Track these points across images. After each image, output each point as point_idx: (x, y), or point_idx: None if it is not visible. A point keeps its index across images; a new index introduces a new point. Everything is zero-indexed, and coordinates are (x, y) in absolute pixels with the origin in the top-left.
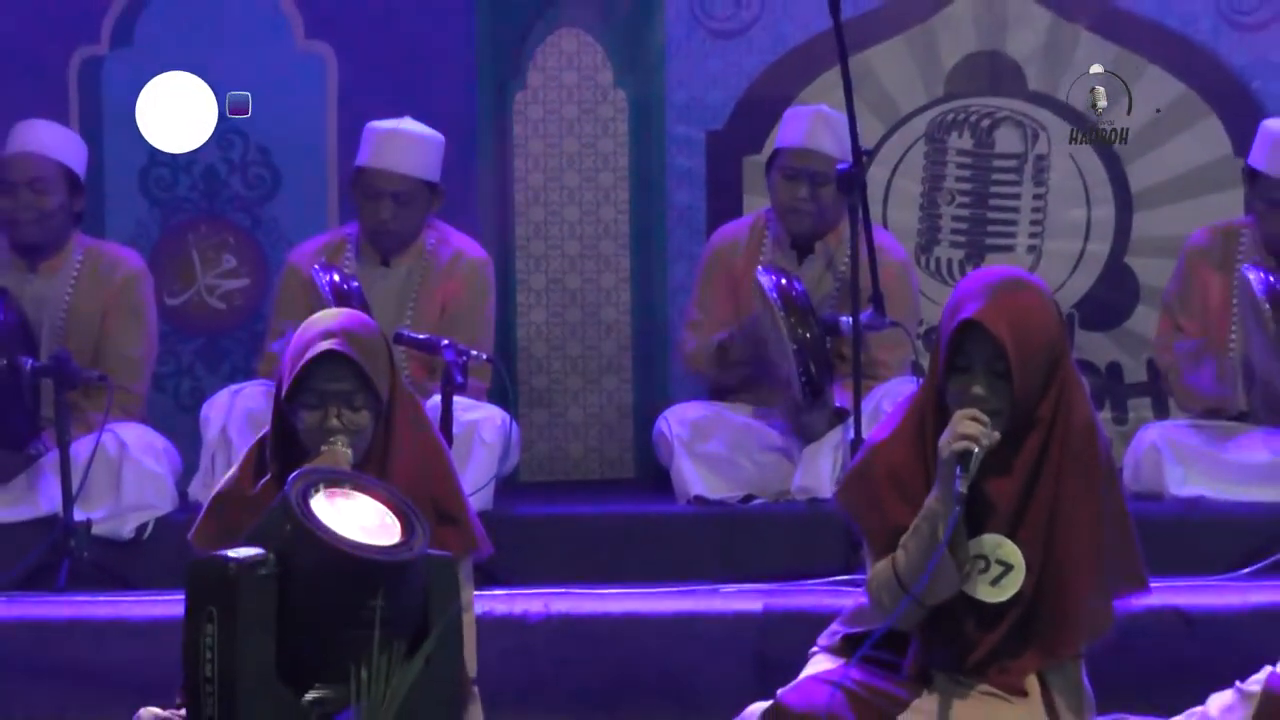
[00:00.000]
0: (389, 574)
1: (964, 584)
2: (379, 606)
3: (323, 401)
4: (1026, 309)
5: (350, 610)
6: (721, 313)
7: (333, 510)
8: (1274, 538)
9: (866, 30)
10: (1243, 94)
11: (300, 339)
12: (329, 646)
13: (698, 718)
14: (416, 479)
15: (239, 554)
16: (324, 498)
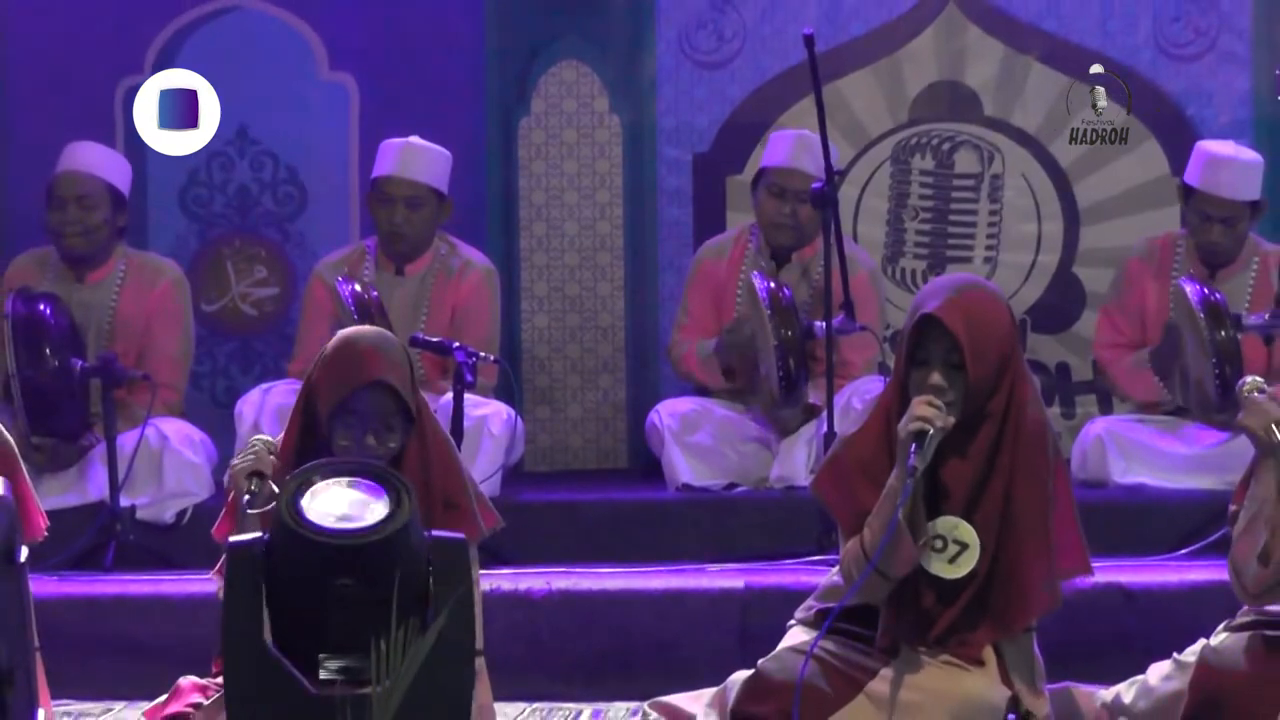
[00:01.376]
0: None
1: (924, 562)
2: (347, 586)
3: (362, 425)
4: (980, 308)
5: (322, 588)
6: (705, 317)
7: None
8: (1208, 521)
9: (838, 62)
10: (1178, 119)
11: (340, 358)
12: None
13: (685, 685)
14: (423, 471)
15: (241, 539)
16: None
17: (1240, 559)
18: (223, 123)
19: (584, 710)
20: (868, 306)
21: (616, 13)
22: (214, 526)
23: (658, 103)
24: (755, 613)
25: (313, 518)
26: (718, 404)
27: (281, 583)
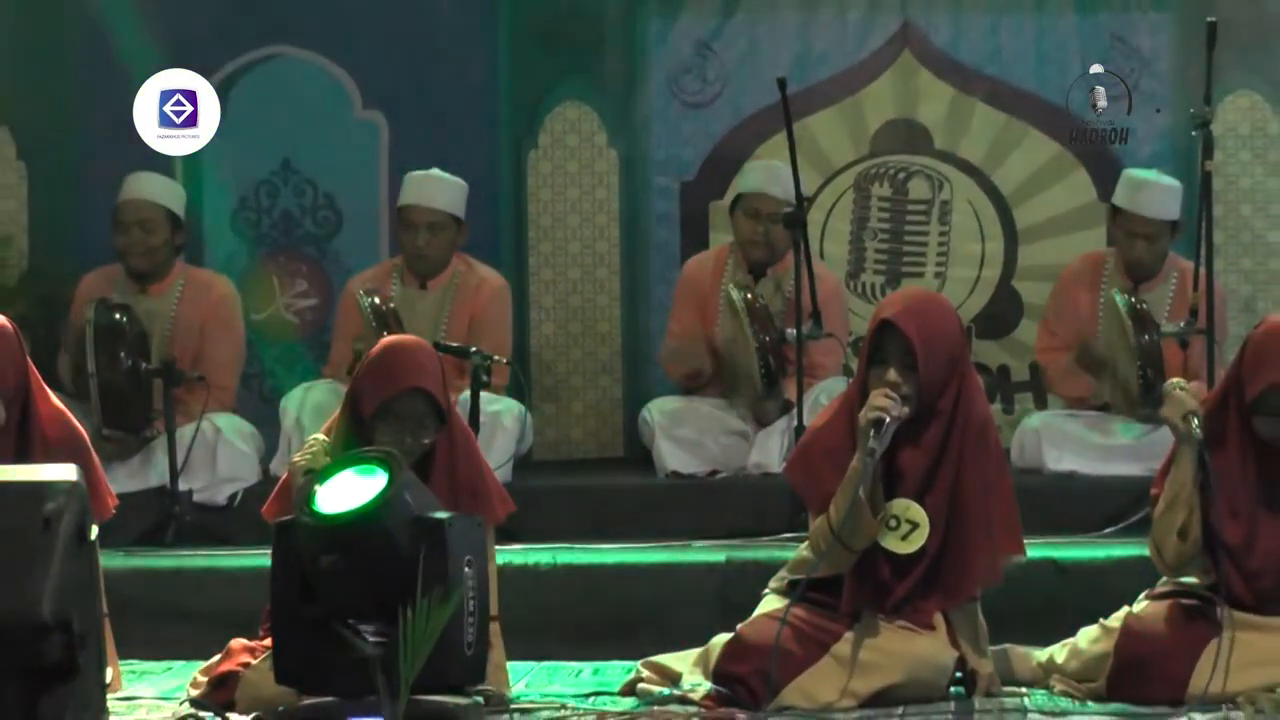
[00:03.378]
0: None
1: (880, 539)
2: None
3: (402, 425)
4: (933, 316)
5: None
6: (692, 326)
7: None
8: (1131, 504)
9: (807, 102)
10: (1105, 152)
11: (383, 364)
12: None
13: (673, 647)
14: (449, 462)
15: (286, 519)
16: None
17: (1160, 536)
18: (268, 155)
19: (584, 669)
20: (833, 316)
21: (613, 59)
22: (264, 506)
23: (649, 137)
24: (734, 584)
25: (318, 505)
26: (701, 402)
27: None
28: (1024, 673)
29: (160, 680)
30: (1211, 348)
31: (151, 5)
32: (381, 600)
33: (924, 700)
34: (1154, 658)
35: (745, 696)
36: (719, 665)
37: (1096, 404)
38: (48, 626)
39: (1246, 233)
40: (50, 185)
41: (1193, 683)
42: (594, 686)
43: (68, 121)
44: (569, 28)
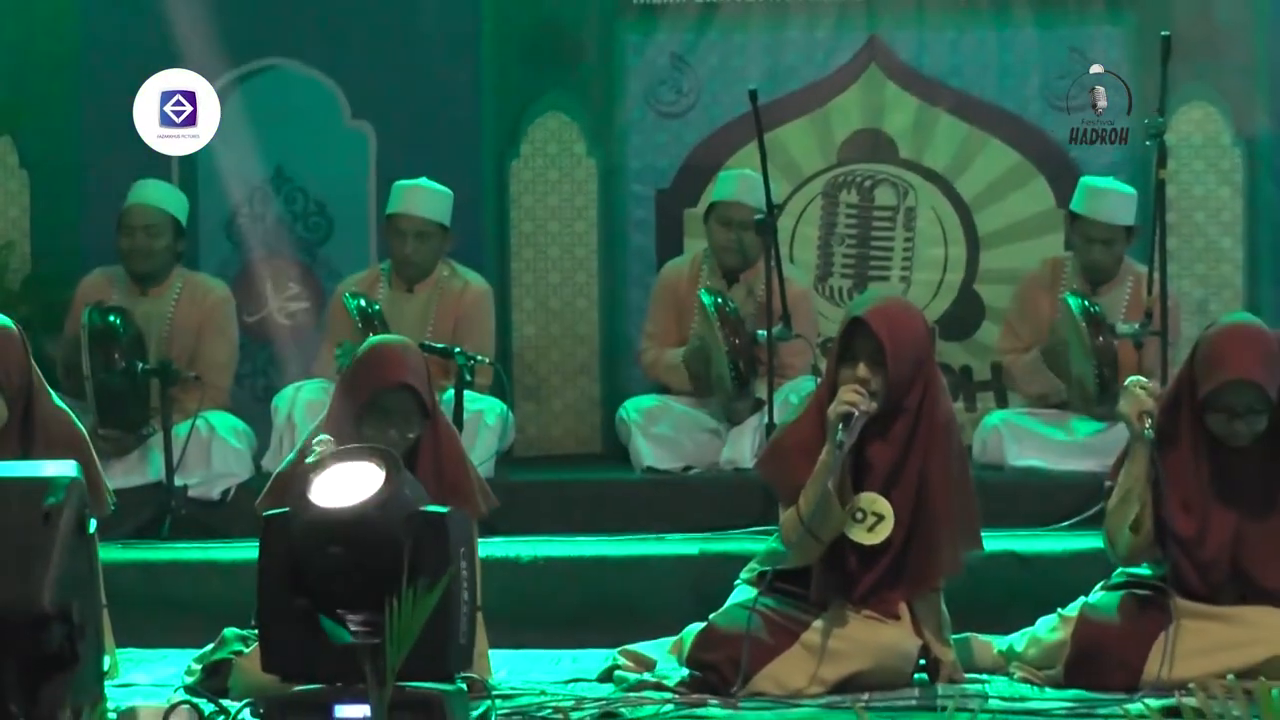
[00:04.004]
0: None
1: (847, 530)
2: (338, 552)
3: (388, 420)
4: (901, 318)
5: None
6: (668, 328)
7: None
8: (1088, 498)
9: (777, 113)
10: (1063, 161)
11: (370, 362)
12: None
13: (649, 635)
14: (435, 457)
15: (274, 512)
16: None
17: (1113, 529)
18: (261, 164)
19: (563, 657)
20: (802, 318)
21: (592, 72)
22: (258, 500)
23: (627, 147)
24: (707, 575)
25: (316, 497)
26: (675, 401)
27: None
28: (985, 661)
29: (156, 668)
30: (1165, 349)
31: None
32: (380, 591)
33: (889, 687)
34: (1109, 646)
35: (718, 683)
36: (693, 653)
37: (1056, 402)
38: (48, 616)
39: (1200, 239)
40: (51, 193)
41: (1146, 670)
42: (572, 674)
43: (68, 132)
44: (550, 42)
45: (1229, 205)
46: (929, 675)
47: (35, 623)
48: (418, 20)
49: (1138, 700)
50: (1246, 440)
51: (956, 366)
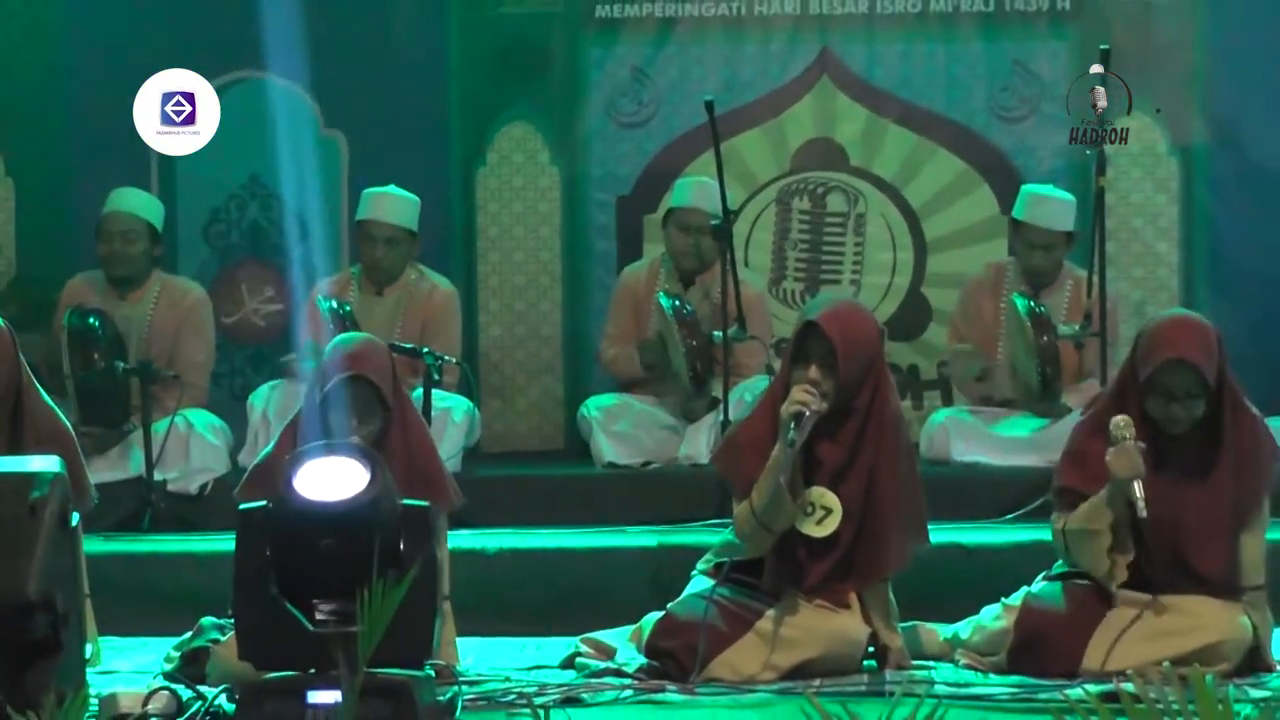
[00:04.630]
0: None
1: (797, 523)
2: (331, 544)
3: (348, 410)
4: (853, 320)
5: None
6: (628, 329)
7: (312, 472)
8: (1029, 492)
9: (733, 123)
10: (1007, 169)
11: (332, 359)
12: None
13: (610, 624)
14: (405, 453)
15: (248, 505)
16: (313, 465)
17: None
18: (238, 172)
19: (528, 644)
20: (757, 320)
21: (556, 84)
22: (236, 490)
23: (589, 156)
24: (666, 566)
25: (303, 489)
26: (635, 399)
27: (282, 541)
28: (931, 648)
29: (137, 655)
30: (1104, 349)
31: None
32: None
33: (839, 673)
34: (1051, 634)
35: (675, 669)
36: (651, 641)
37: (1000, 401)
38: (33, 605)
39: (1137, 243)
40: (36, 200)
41: (1086, 657)
42: (536, 661)
43: (51, 142)
44: (515, 55)
45: (1165, 211)
46: (878, 662)
47: (20, 611)
48: (389, 35)
49: (1077, 686)
50: (1185, 426)
51: (904, 366)
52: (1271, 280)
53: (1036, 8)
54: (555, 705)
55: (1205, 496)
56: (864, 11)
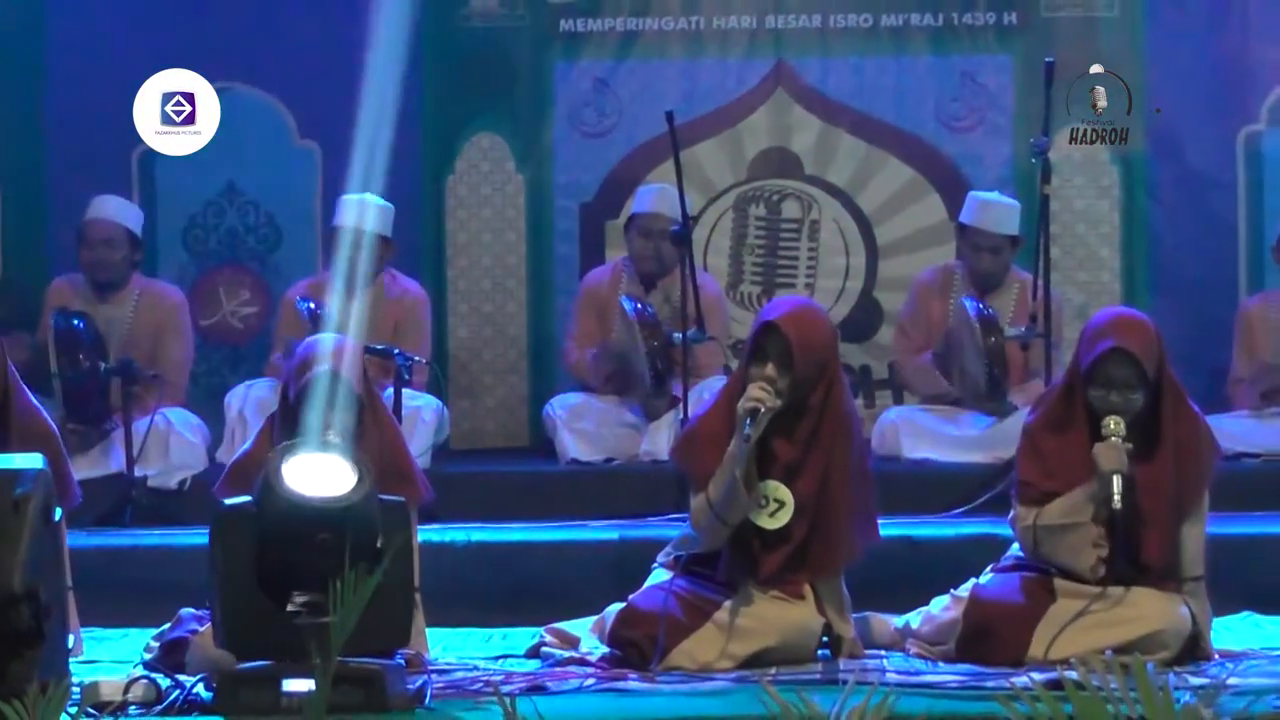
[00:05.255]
0: (331, 515)
1: (751, 516)
2: (325, 539)
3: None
4: (809, 320)
5: (305, 540)
6: (591, 331)
7: (297, 470)
8: (978, 488)
9: (692, 133)
10: (955, 176)
11: (304, 355)
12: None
13: (573, 614)
14: (378, 449)
15: (231, 502)
16: (296, 462)
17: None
18: (216, 179)
19: (494, 634)
20: (715, 322)
21: (522, 95)
22: (215, 486)
23: (553, 164)
24: (627, 558)
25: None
26: (598, 398)
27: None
28: (883, 637)
29: (118, 646)
30: (1049, 350)
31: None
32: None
33: (795, 662)
34: (998, 624)
35: (637, 658)
36: (613, 630)
37: (949, 399)
38: (17, 597)
39: (1081, 248)
40: (19, 206)
41: (1032, 646)
42: (503, 650)
43: (34, 150)
44: (482, 68)
45: (1107, 218)
46: (831, 651)
47: (5, 603)
48: (362, 48)
49: (1024, 674)
50: (1125, 417)
51: (857, 366)
52: (1208, 284)
53: (984, 22)
54: (521, 693)
55: (1147, 489)
56: (817, 26)
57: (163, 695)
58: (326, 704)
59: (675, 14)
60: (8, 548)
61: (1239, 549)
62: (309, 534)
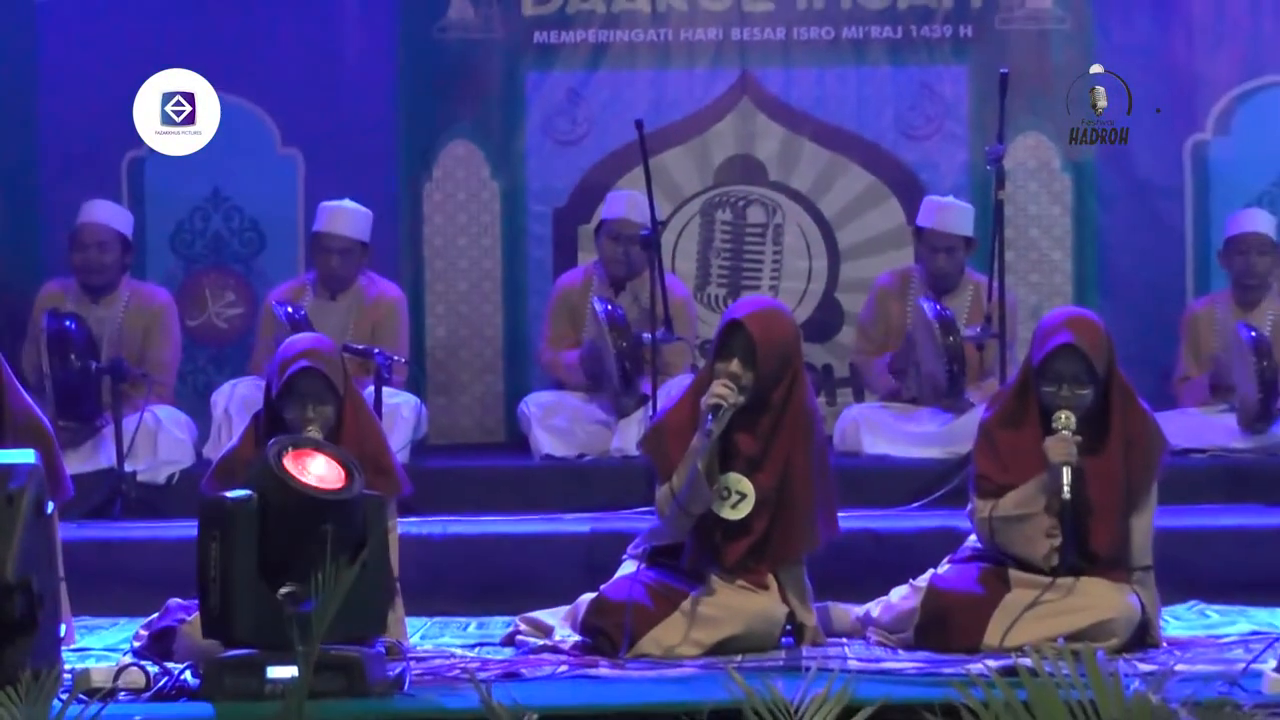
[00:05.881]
0: (334, 508)
1: (714, 507)
2: (329, 530)
3: (302, 400)
4: (774, 320)
5: (308, 532)
6: (564, 331)
7: (297, 465)
8: (936, 481)
9: (661, 141)
10: (913, 182)
11: (285, 353)
12: (296, 556)
13: (546, 604)
14: (359, 444)
15: (234, 495)
16: (292, 457)
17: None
18: (202, 185)
19: (470, 622)
20: (682, 323)
21: (496, 105)
22: (204, 480)
23: (527, 171)
24: (598, 550)
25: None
26: (570, 396)
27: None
28: (844, 626)
29: (108, 634)
30: (1003, 349)
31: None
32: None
33: (759, 649)
34: (955, 612)
35: (607, 646)
36: (585, 619)
37: (908, 397)
38: (11, 587)
39: (1034, 251)
40: (12, 211)
41: (988, 634)
42: (479, 638)
43: (27, 157)
44: (458, 78)
45: (1059, 222)
46: (794, 639)
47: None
48: (342, 60)
49: (979, 661)
50: (1075, 412)
51: (819, 365)
52: (1156, 286)
53: (941, 35)
54: (496, 680)
55: (1097, 481)
56: (781, 38)
57: (151, 682)
58: (309, 690)
59: (644, 26)
60: (2, 540)
61: (1186, 541)
62: (312, 525)
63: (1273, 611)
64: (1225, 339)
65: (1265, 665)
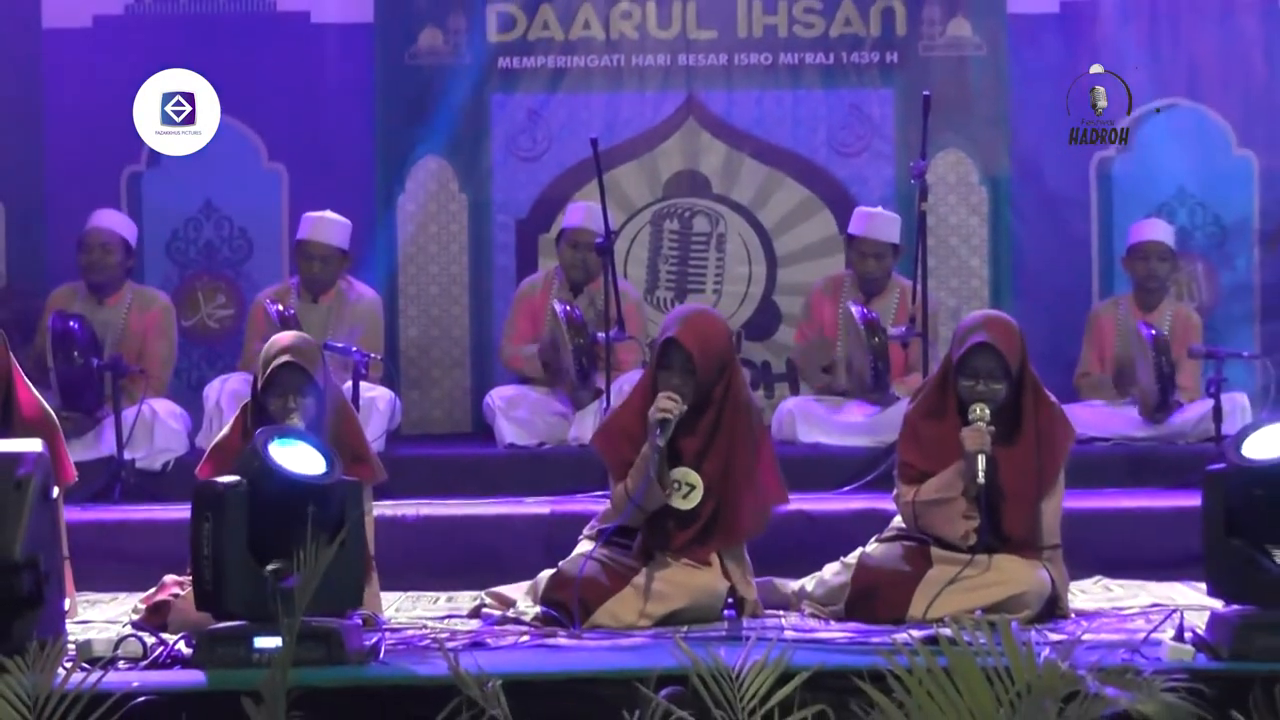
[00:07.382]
0: (315, 492)
1: (666, 499)
2: (311, 512)
3: (284, 392)
4: (707, 328)
5: (292, 514)
6: (525, 330)
7: (282, 452)
8: (863, 469)
9: (614, 157)
10: (844, 196)
11: (269, 350)
12: (281, 536)
13: (509, 580)
14: (337, 434)
15: (224, 480)
16: (277, 445)
17: (923, 514)
18: (195, 197)
19: (440, 597)
20: (634, 323)
21: (463, 124)
22: (198, 467)
23: (492, 185)
24: (557, 530)
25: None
26: (532, 390)
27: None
28: (781, 599)
29: (108, 608)
30: (926, 347)
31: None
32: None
33: (703, 620)
34: (881, 587)
35: (565, 618)
36: (545, 593)
37: (838, 390)
38: (19, 565)
39: (954, 258)
40: (22, 220)
41: (912, 607)
42: (448, 611)
43: (34, 171)
44: (428, 100)
45: (977, 232)
46: (736, 611)
47: (7, 570)
48: (323, 83)
49: (904, 631)
50: (990, 406)
51: (759, 362)
52: (1064, 290)
53: (869, 61)
54: (463, 649)
55: (1009, 468)
56: (724, 63)
57: (148, 651)
58: (292, 658)
59: (599, 53)
60: (10, 522)
61: (1092, 521)
62: (296, 508)
63: (1170, 585)
64: (1127, 338)
65: (1164, 635)
